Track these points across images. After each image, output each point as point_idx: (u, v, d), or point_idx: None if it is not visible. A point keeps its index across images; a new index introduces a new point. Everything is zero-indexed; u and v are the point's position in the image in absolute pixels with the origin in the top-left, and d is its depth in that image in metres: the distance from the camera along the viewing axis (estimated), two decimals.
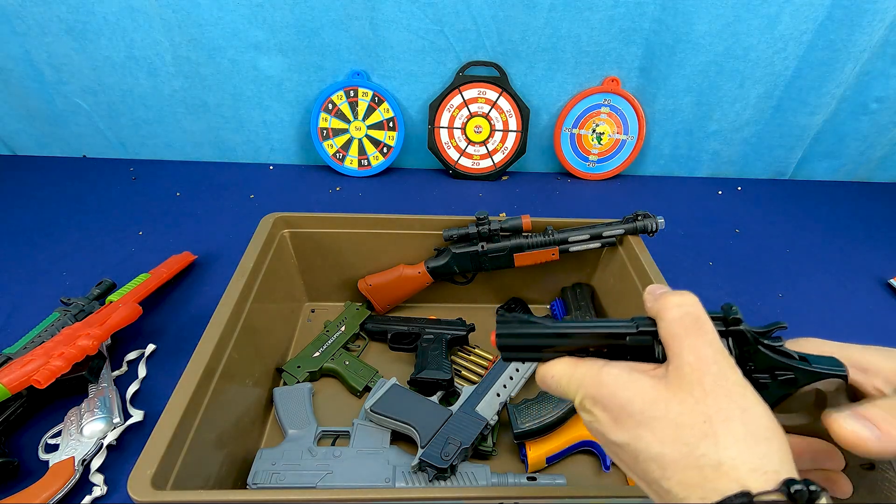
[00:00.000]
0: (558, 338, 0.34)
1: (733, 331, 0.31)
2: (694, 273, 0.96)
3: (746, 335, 0.31)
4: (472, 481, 0.57)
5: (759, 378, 0.31)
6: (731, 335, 0.31)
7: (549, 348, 0.35)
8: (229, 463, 0.58)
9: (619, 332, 0.33)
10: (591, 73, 1.09)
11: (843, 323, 0.85)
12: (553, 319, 0.36)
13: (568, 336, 0.34)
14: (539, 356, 0.35)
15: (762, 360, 0.31)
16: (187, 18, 0.99)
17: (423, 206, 1.11)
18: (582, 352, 0.34)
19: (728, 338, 0.31)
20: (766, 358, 0.31)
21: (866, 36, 0.98)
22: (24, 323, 0.76)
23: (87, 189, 1.11)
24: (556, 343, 0.34)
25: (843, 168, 1.24)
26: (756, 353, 0.31)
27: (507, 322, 0.37)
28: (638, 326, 0.32)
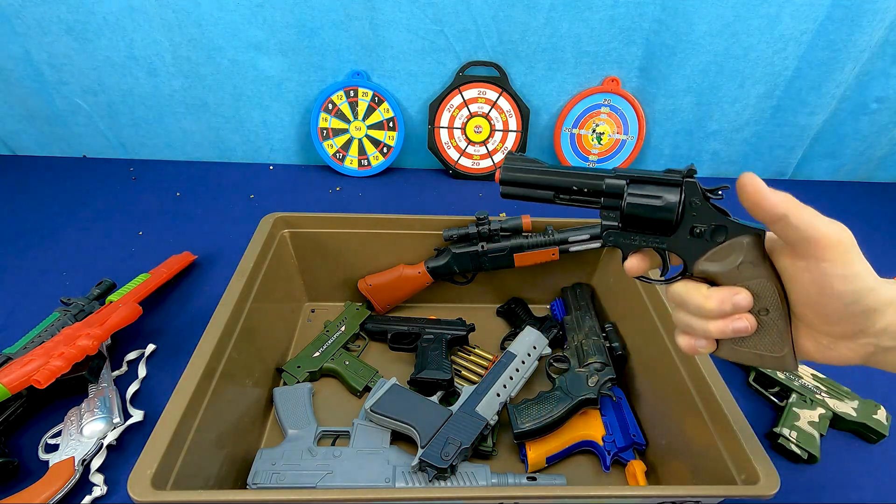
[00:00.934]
0: (549, 175, 0.43)
1: (688, 181, 0.39)
2: None
3: (697, 186, 0.39)
4: (472, 481, 0.57)
5: (698, 227, 0.39)
6: (685, 185, 0.39)
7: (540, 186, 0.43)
8: (229, 463, 0.58)
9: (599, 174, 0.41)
10: (591, 73, 1.09)
11: None
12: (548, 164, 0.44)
13: (557, 175, 0.42)
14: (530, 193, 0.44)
15: (704, 213, 0.39)
16: (187, 18, 0.99)
17: (423, 206, 1.11)
18: (565, 191, 0.42)
19: (681, 186, 0.39)
20: (707, 211, 0.39)
21: (866, 36, 0.98)
22: (24, 323, 0.76)
23: (87, 189, 1.11)
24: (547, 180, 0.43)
25: (843, 168, 1.24)
26: (701, 205, 0.39)
27: (513, 159, 0.45)
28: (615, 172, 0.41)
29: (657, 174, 0.40)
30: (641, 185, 0.40)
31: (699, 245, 0.39)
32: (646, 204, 0.40)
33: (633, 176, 0.40)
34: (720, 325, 0.39)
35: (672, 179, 0.39)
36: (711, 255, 0.39)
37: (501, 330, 0.83)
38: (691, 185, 0.39)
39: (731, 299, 0.38)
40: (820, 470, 0.65)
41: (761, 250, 0.38)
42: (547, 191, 0.43)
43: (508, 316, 0.84)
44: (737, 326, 0.38)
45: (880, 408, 0.69)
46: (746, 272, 0.38)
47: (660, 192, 0.39)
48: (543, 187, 0.43)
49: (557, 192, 0.42)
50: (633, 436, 0.64)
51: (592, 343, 0.70)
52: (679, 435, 0.59)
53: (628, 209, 0.40)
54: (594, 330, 0.73)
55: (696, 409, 0.56)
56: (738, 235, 0.38)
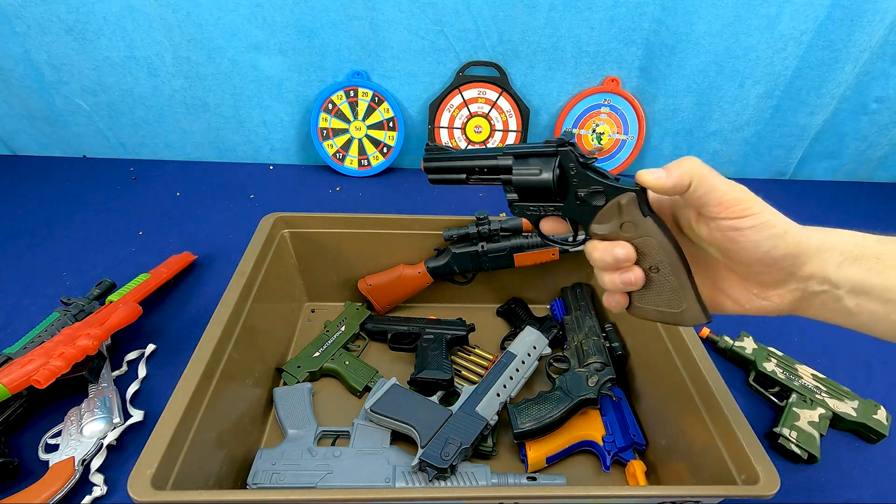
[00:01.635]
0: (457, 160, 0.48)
1: (562, 150, 0.42)
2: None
3: (572, 154, 0.41)
4: (472, 481, 0.57)
5: (581, 192, 0.42)
6: (560, 154, 0.42)
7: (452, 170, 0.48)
8: (229, 463, 0.57)
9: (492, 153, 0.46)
10: (591, 73, 1.09)
11: None
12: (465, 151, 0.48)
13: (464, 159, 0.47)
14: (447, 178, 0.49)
15: (583, 179, 0.41)
16: (187, 18, 0.99)
17: (423, 206, 1.11)
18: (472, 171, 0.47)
19: (557, 155, 0.42)
20: (585, 177, 0.41)
21: (866, 36, 0.98)
22: (24, 323, 0.76)
23: (87, 189, 1.11)
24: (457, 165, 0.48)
25: (843, 168, 1.24)
26: (577, 172, 0.41)
27: (431, 150, 0.49)
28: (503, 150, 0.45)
29: (538, 147, 0.43)
30: (524, 160, 0.44)
31: (586, 210, 0.42)
32: (527, 176, 0.43)
33: (517, 151, 0.44)
34: (611, 276, 0.42)
35: (548, 150, 0.42)
36: (598, 218, 0.42)
37: (501, 330, 0.83)
38: (565, 153, 0.41)
39: (612, 251, 0.40)
40: (820, 470, 0.65)
41: (640, 209, 0.40)
42: (459, 174, 0.47)
43: (508, 316, 0.84)
44: (624, 278, 0.41)
45: (880, 408, 0.69)
46: (629, 231, 0.40)
47: (538, 164, 0.43)
48: (456, 171, 0.48)
49: (468, 174, 0.47)
50: (633, 436, 0.64)
51: (592, 343, 0.70)
52: (679, 435, 0.59)
53: (515, 182, 0.44)
54: (594, 330, 0.73)
55: (696, 409, 0.56)
56: (615, 196, 0.40)
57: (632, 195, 0.40)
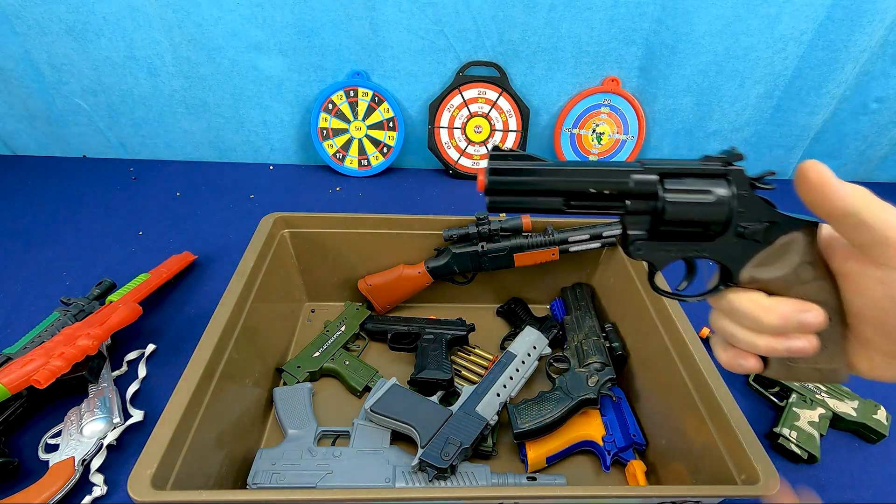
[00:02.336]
0: (557, 175, 0.31)
1: (733, 170, 0.32)
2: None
3: (744, 174, 0.32)
4: (472, 481, 0.57)
5: (745, 226, 0.32)
6: (730, 173, 0.31)
7: (544, 191, 0.32)
8: (229, 463, 0.57)
9: (624, 169, 0.31)
10: (591, 73, 1.09)
11: None
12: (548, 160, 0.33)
13: (568, 174, 0.31)
14: (529, 202, 0.32)
15: (753, 208, 0.31)
16: (187, 18, 0.99)
17: (423, 206, 1.10)
18: (579, 196, 0.32)
19: (728, 176, 0.31)
20: (756, 205, 0.31)
21: (866, 36, 0.98)
22: (24, 323, 0.76)
23: (87, 189, 1.11)
24: (553, 182, 0.31)
25: (843, 168, 1.24)
26: (749, 199, 0.31)
27: (502, 157, 0.32)
28: (644, 165, 0.31)
29: (692, 164, 0.32)
30: (680, 180, 0.31)
31: (746, 248, 0.32)
32: (693, 202, 0.31)
33: (664, 169, 0.31)
34: (773, 342, 0.31)
35: (714, 169, 0.31)
36: (762, 259, 0.32)
37: (501, 330, 0.83)
38: (738, 173, 0.31)
39: (797, 317, 0.30)
40: (820, 470, 0.65)
41: (817, 247, 0.32)
42: (554, 197, 0.32)
43: (508, 316, 0.84)
44: (794, 346, 0.31)
45: (880, 408, 0.69)
46: (805, 274, 0.31)
47: (705, 185, 0.31)
48: (548, 193, 0.31)
49: (568, 198, 0.32)
50: (633, 436, 0.64)
51: (592, 343, 0.70)
52: (679, 435, 0.59)
53: (670, 212, 0.31)
54: (594, 330, 0.73)
55: (696, 409, 0.56)
56: (791, 231, 0.31)
57: (811, 230, 0.31)
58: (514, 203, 0.32)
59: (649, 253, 0.33)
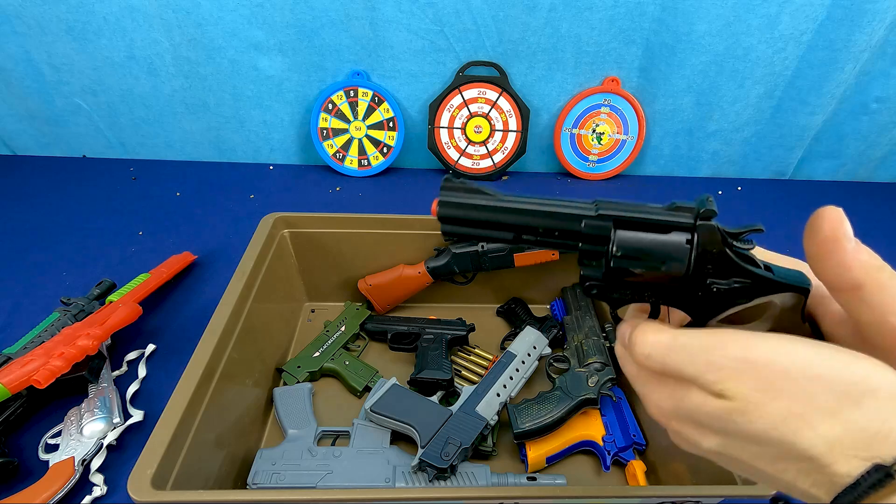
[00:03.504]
0: (506, 213, 0.30)
1: (702, 225, 0.27)
2: None
3: (716, 231, 0.27)
4: (472, 481, 0.57)
5: (714, 284, 0.28)
6: (698, 229, 0.27)
7: (494, 225, 0.31)
8: (229, 463, 0.58)
9: (575, 213, 0.29)
10: (591, 73, 1.09)
11: None
12: (503, 193, 0.31)
13: (518, 212, 0.30)
14: (481, 233, 0.31)
15: (724, 266, 0.28)
16: (187, 18, 0.99)
17: (423, 206, 1.10)
18: (530, 233, 0.30)
19: (694, 232, 0.28)
20: (728, 264, 0.28)
21: (866, 36, 0.98)
22: (24, 323, 0.76)
23: (87, 189, 1.11)
24: (503, 219, 0.30)
25: (843, 168, 1.24)
26: (719, 253, 0.27)
27: (453, 189, 0.31)
28: (598, 209, 0.29)
29: (657, 212, 0.28)
30: (633, 232, 0.28)
31: (713, 303, 0.29)
32: (640, 255, 0.28)
33: (621, 216, 0.28)
34: None
35: (680, 222, 0.28)
36: (731, 317, 0.29)
37: (501, 330, 0.83)
38: (708, 230, 0.27)
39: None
40: None
41: (800, 315, 0.28)
42: (504, 231, 0.31)
43: (508, 316, 0.84)
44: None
45: None
46: None
47: (661, 244, 0.28)
48: (498, 227, 0.31)
49: (518, 234, 0.30)
50: (633, 436, 0.64)
51: (592, 343, 0.70)
52: None
53: (615, 264, 0.29)
54: (594, 330, 0.73)
55: None
56: (769, 295, 0.28)
57: (799, 298, 0.28)
58: (466, 233, 0.32)
59: (604, 294, 0.31)
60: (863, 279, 0.24)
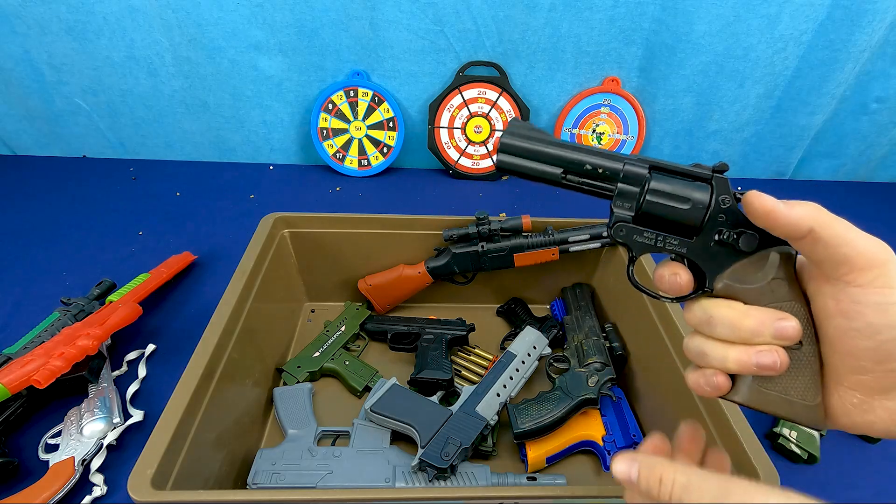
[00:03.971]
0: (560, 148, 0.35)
1: (718, 177, 0.33)
2: None
3: (728, 184, 0.33)
4: (472, 481, 0.57)
5: (725, 233, 0.33)
6: (714, 180, 0.33)
7: (547, 158, 0.36)
8: (229, 463, 0.58)
9: (618, 156, 0.35)
10: (591, 73, 1.09)
11: None
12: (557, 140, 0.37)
13: (570, 148, 0.35)
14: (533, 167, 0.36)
15: (735, 216, 0.33)
16: (187, 18, 0.99)
17: (423, 206, 1.10)
18: (576, 171, 0.35)
19: (712, 182, 0.33)
20: (737, 214, 0.32)
21: (866, 36, 0.98)
22: (24, 323, 0.76)
23: (87, 189, 1.11)
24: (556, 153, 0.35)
25: (843, 168, 1.24)
26: (731, 207, 0.33)
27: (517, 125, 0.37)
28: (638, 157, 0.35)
29: (683, 167, 0.34)
30: (666, 177, 0.34)
31: (723, 255, 0.33)
32: (670, 195, 0.33)
33: (656, 164, 0.34)
34: (742, 355, 0.30)
35: (701, 174, 0.33)
36: (737, 269, 0.33)
37: (501, 330, 0.83)
38: (722, 182, 0.33)
39: (774, 324, 0.30)
40: (820, 470, 0.65)
41: (793, 268, 0.32)
42: (555, 167, 0.35)
43: (508, 316, 0.84)
44: (762, 360, 0.30)
45: None
46: (778, 292, 0.31)
47: (687, 187, 0.33)
48: (551, 162, 0.35)
49: (566, 171, 0.35)
50: (633, 436, 0.64)
51: (592, 343, 0.70)
52: None
53: (648, 203, 0.33)
54: (594, 330, 0.73)
55: (696, 409, 0.56)
56: (770, 246, 0.32)
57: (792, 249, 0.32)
58: (520, 165, 0.36)
59: (629, 236, 0.35)
60: (809, 223, 0.27)
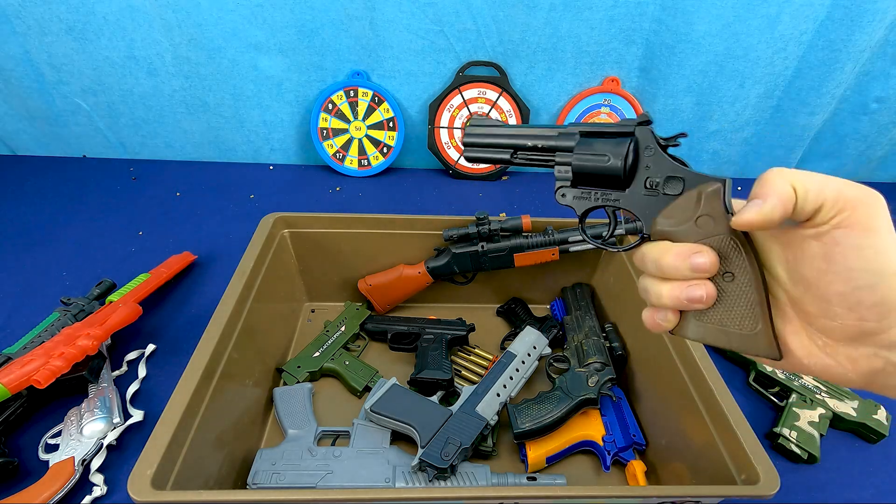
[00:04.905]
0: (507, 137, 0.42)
1: (640, 129, 0.36)
2: None
3: (651, 133, 0.36)
4: (472, 481, 0.57)
5: (651, 179, 0.36)
6: (638, 132, 0.36)
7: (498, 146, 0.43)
8: (229, 463, 0.58)
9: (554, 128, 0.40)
10: (591, 73, 1.09)
11: None
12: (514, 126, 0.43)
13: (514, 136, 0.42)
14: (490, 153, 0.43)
15: (660, 163, 0.36)
16: (187, 18, 0.99)
17: (423, 206, 1.10)
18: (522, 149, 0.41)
19: (633, 134, 0.36)
20: (662, 161, 0.35)
21: (866, 36, 0.98)
22: (24, 323, 0.76)
23: (87, 189, 1.11)
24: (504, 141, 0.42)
25: (843, 168, 1.24)
26: (655, 155, 0.36)
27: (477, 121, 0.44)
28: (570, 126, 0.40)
29: (610, 125, 0.38)
30: (592, 138, 0.38)
31: (654, 200, 0.36)
32: (591, 161, 0.37)
33: (585, 129, 0.39)
34: (675, 289, 0.32)
35: (624, 129, 0.37)
36: (669, 212, 0.35)
37: (501, 330, 0.83)
38: (644, 132, 0.36)
39: (690, 258, 0.32)
40: (820, 470, 0.65)
41: (722, 204, 0.33)
42: (505, 150, 0.42)
43: (508, 316, 0.84)
44: (691, 294, 0.32)
45: (880, 408, 0.69)
46: (705, 227, 0.33)
47: (609, 143, 0.37)
48: (503, 147, 0.42)
49: (515, 151, 0.42)
50: (633, 436, 0.64)
51: (592, 343, 0.70)
52: (679, 435, 0.59)
53: (576, 164, 0.38)
54: (594, 330, 0.73)
55: (696, 409, 0.56)
56: (696, 186, 0.34)
57: (717, 185, 0.33)
58: (481, 154, 0.44)
59: (570, 198, 0.39)
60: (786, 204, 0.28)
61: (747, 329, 0.33)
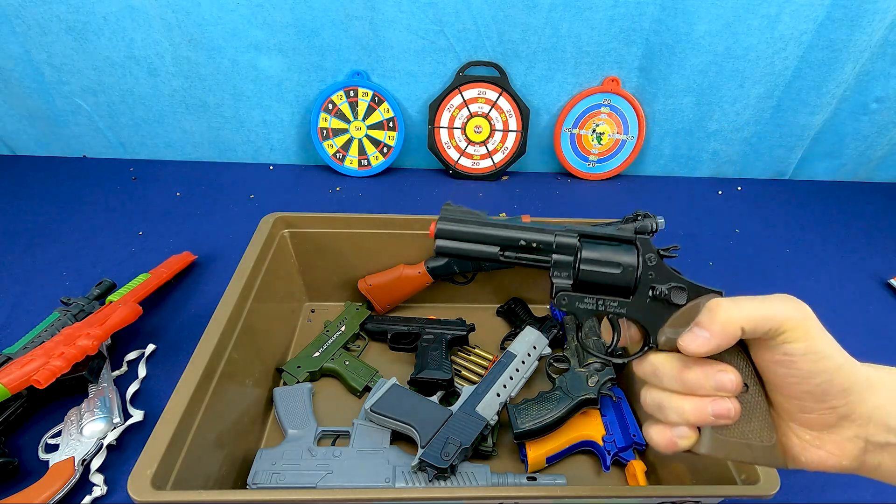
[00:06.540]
0: (495, 228, 0.38)
1: (640, 238, 0.37)
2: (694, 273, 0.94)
3: (651, 243, 0.37)
4: (472, 481, 0.57)
5: (657, 288, 0.35)
6: (640, 242, 0.36)
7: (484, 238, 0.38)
8: (229, 463, 0.58)
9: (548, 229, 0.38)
10: (591, 73, 1.09)
11: (843, 323, 0.84)
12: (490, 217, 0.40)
13: (504, 228, 0.38)
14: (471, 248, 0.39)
15: (662, 272, 0.36)
16: (187, 18, 0.99)
17: (423, 206, 1.10)
18: (512, 247, 0.38)
19: (636, 243, 0.36)
20: (664, 270, 0.36)
21: (866, 36, 0.98)
22: (24, 323, 0.76)
23: (87, 189, 1.11)
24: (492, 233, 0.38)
25: (843, 168, 1.24)
26: (657, 264, 0.36)
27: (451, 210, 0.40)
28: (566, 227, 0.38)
29: (609, 231, 0.37)
30: (596, 245, 0.37)
31: (660, 309, 0.35)
32: (602, 262, 0.36)
33: (584, 233, 0.37)
34: (698, 405, 0.32)
35: (626, 237, 0.37)
36: (674, 321, 0.35)
37: (501, 330, 0.83)
38: (645, 241, 0.36)
39: (714, 375, 0.32)
40: None
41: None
42: (492, 246, 0.38)
43: (508, 316, 0.84)
44: (717, 409, 0.31)
45: None
46: None
47: (616, 252, 0.36)
48: (488, 241, 0.38)
49: (503, 248, 0.38)
50: (633, 436, 0.64)
51: (592, 343, 0.70)
52: None
53: (583, 272, 0.36)
54: (594, 330, 0.72)
55: None
56: (700, 296, 0.35)
57: (720, 296, 0.34)
58: (457, 248, 0.39)
59: (572, 304, 0.37)
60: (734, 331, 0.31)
61: (766, 440, 0.33)
